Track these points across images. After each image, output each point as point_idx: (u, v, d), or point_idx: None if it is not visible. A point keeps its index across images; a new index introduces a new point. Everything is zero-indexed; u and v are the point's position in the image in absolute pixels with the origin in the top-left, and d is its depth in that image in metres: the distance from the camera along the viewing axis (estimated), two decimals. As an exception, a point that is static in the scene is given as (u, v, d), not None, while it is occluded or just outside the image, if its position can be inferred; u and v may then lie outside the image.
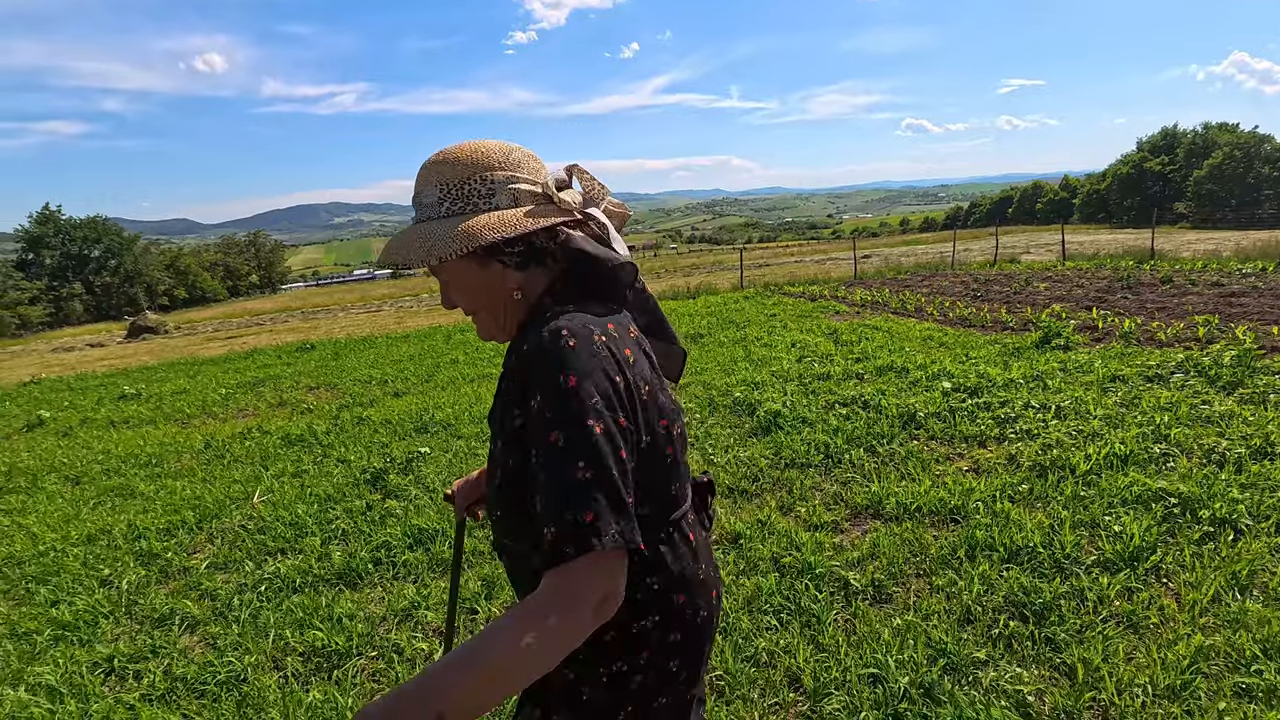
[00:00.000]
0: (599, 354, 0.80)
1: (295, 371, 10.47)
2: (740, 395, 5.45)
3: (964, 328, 8.57)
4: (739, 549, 3.08)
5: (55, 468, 5.67)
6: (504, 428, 0.87)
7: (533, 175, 0.91)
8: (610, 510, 0.73)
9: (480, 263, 0.89)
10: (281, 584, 3.01)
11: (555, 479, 0.73)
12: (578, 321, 0.83)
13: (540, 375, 0.79)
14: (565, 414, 0.75)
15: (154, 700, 2.28)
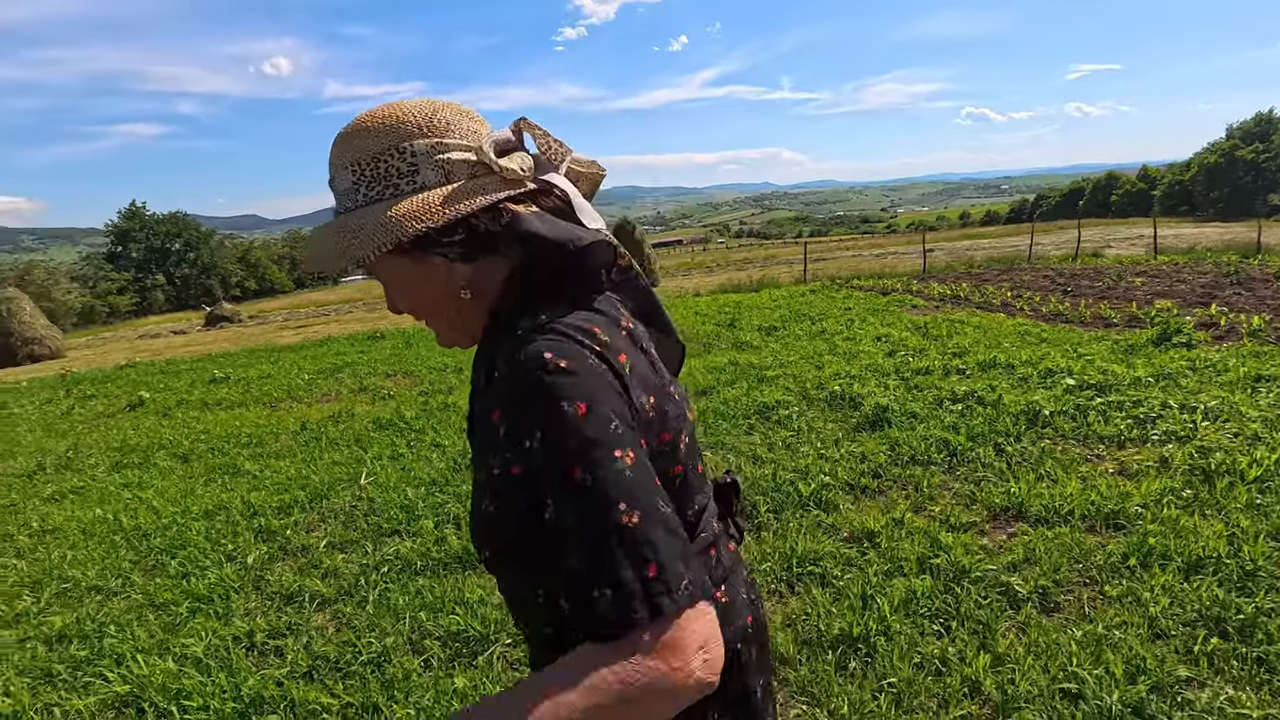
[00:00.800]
0: (597, 370, 0.64)
1: (370, 359, 10.72)
2: (838, 389, 5.22)
3: (1061, 324, 8.06)
4: (876, 548, 2.89)
5: (163, 445, 5.91)
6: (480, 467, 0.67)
7: (466, 138, 0.70)
8: (676, 555, 0.59)
9: (415, 259, 0.71)
10: (403, 565, 2.98)
11: (593, 531, 0.57)
12: (560, 336, 0.65)
13: (534, 409, 0.61)
14: (585, 447, 0.59)
15: (299, 677, 2.27)
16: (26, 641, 2.68)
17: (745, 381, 5.91)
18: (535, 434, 0.60)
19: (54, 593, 3.15)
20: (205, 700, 2.14)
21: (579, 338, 0.66)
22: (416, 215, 0.65)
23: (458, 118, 0.71)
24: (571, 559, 0.58)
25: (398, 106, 0.70)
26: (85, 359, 20.01)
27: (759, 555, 2.90)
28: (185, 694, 2.18)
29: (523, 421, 0.61)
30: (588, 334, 0.67)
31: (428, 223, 0.65)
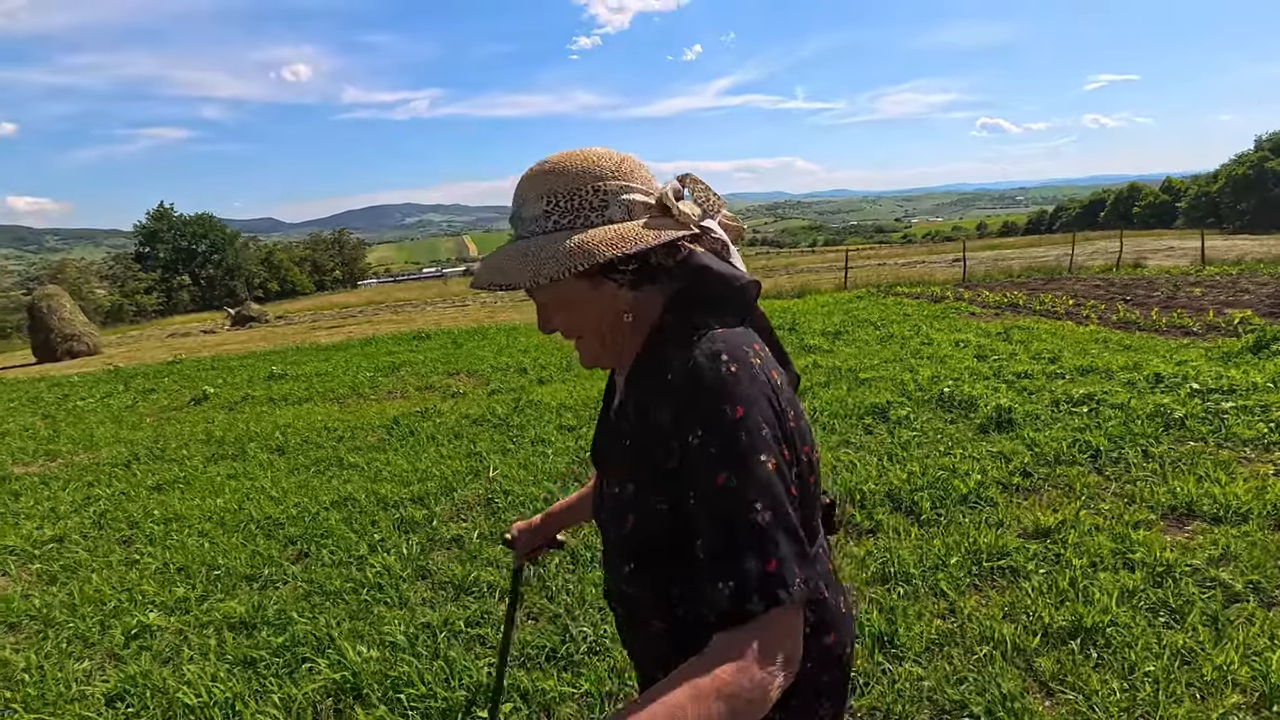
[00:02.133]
0: (759, 378, 0.72)
1: (423, 358, 10.73)
2: (947, 390, 5.13)
3: (1136, 331, 7.90)
4: (1059, 543, 2.84)
5: (252, 438, 5.91)
6: (645, 468, 0.77)
7: (646, 185, 0.80)
8: (794, 556, 0.66)
9: (591, 282, 0.78)
10: (573, 559, 2.92)
11: (729, 524, 0.66)
12: (733, 342, 0.74)
13: (701, 406, 0.69)
14: (735, 450, 0.67)
15: (515, 666, 2.21)
16: (206, 627, 2.65)
17: (843, 383, 5.83)
18: (698, 430, 0.69)
19: (207, 580, 3.12)
20: (430, 688, 2.09)
21: (745, 346, 0.74)
22: (611, 242, 0.73)
23: (639, 167, 0.81)
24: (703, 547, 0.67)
25: (591, 152, 0.79)
26: (123, 355, 20.27)
27: (942, 550, 2.82)
28: (404, 681, 2.13)
29: (690, 415, 0.71)
30: (751, 345, 0.76)
31: (622, 249, 0.73)
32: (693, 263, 0.80)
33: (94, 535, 3.87)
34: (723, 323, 0.78)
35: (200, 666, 2.33)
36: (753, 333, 0.82)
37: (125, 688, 2.25)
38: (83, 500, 4.55)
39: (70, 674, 2.39)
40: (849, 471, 3.77)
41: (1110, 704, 1.91)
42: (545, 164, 0.78)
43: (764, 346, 0.80)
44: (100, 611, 2.86)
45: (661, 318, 0.81)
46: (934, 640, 2.27)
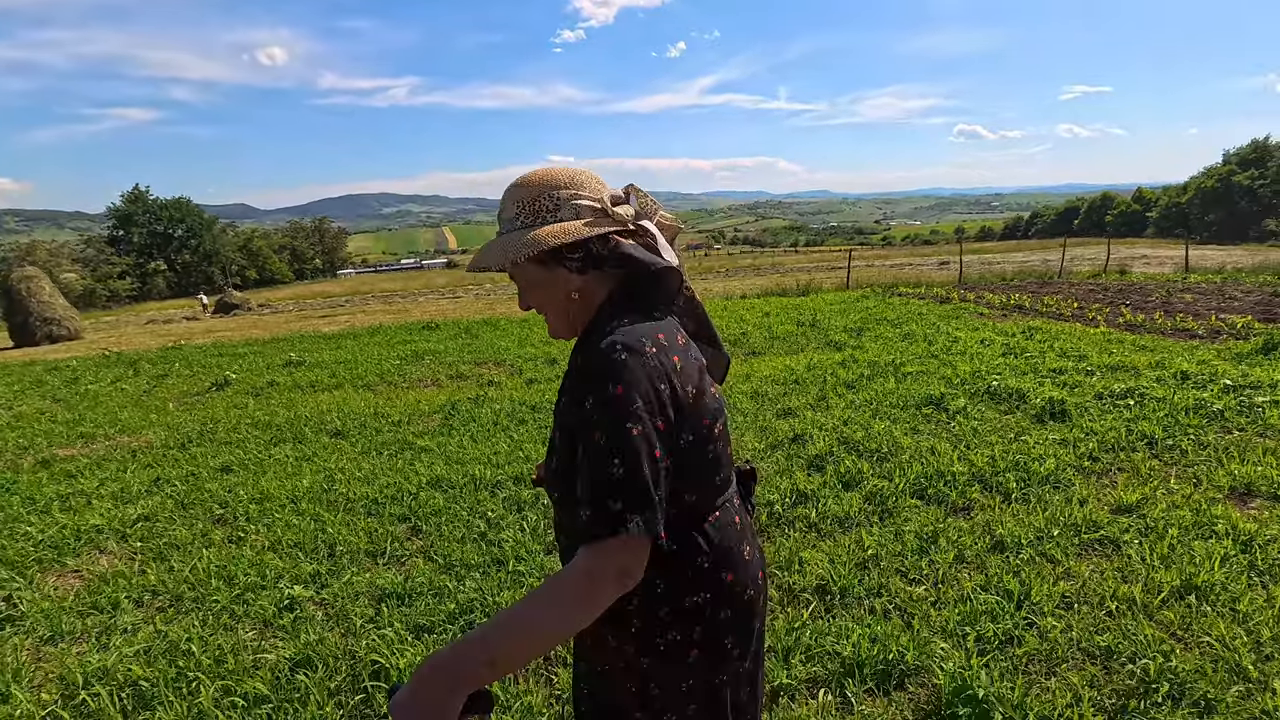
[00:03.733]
0: (647, 363, 0.90)
1: (443, 348, 10.72)
2: (995, 384, 5.37)
3: (1145, 334, 8.27)
4: (1139, 516, 3.11)
5: (305, 421, 5.91)
6: (563, 421, 0.98)
7: (594, 193, 1.02)
8: (638, 502, 0.83)
9: (546, 267, 1.01)
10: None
11: (595, 471, 0.85)
12: (632, 335, 0.93)
13: (594, 382, 0.89)
14: (608, 417, 0.86)
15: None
16: (357, 598, 2.73)
17: (888, 376, 6.04)
18: (589, 398, 0.89)
19: (331, 556, 3.19)
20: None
21: (644, 338, 0.93)
22: (555, 235, 0.96)
23: (590, 180, 1.03)
24: (580, 487, 0.87)
25: (552, 169, 1.03)
26: (106, 341, 19.74)
27: (1041, 523, 3.06)
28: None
29: (585, 389, 0.91)
30: (651, 336, 0.95)
31: (562, 239, 0.96)
32: (619, 250, 1.01)
33: (182, 515, 3.89)
34: (642, 313, 1.00)
35: (375, 634, 2.42)
36: (666, 323, 1.02)
37: (306, 654, 2.32)
38: (151, 481, 4.54)
39: (234, 643, 2.46)
40: (932, 455, 3.97)
41: (1238, 645, 2.14)
42: (520, 179, 1.03)
43: (673, 335, 1.00)
44: (233, 586, 2.91)
45: (601, 304, 1.02)
46: (1065, 598, 2.48)
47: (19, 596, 2.95)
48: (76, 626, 2.70)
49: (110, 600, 2.87)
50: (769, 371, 6.71)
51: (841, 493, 3.54)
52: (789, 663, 2.19)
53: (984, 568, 2.76)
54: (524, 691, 2.12)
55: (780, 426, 4.75)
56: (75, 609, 2.84)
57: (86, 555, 3.45)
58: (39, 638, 2.66)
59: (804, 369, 6.69)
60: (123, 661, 2.35)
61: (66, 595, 3.00)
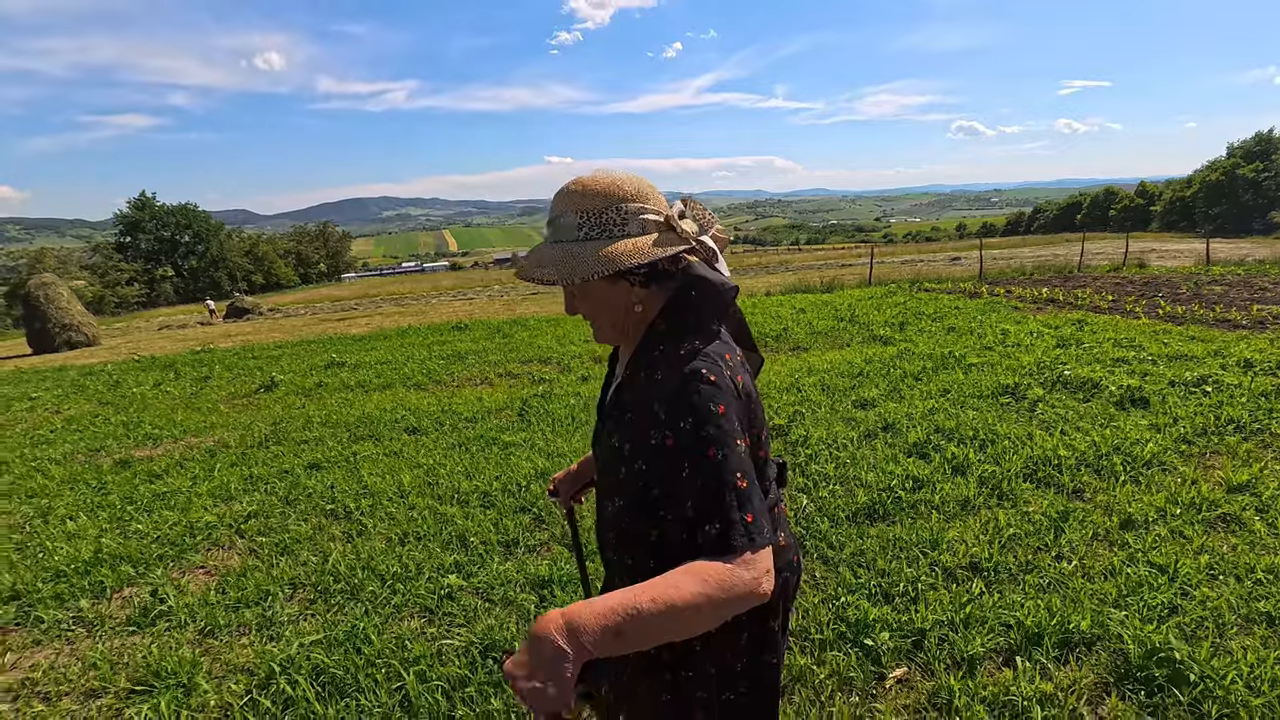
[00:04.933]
0: (730, 385, 0.95)
1: (480, 348, 10.76)
2: (1066, 374, 5.42)
3: (1189, 324, 8.31)
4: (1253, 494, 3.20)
5: (375, 420, 5.96)
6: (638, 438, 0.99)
7: (657, 206, 1.02)
8: (763, 512, 0.88)
9: (610, 280, 1.01)
10: (828, 514, 3.11)
11: (719, 485, 0.87)
12: (710, 359, 0.96)
13: (693, 404, 0.91)
14: (721, 435, 0.89)
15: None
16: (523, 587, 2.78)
17: (954, 369, 6.09)
18: (689, 419, 0.91)
19: (465, 548, 3.22)
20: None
21: (720, 363, 0.97)
22: (630, 255, 0.96)
23: (653, 191, 1.03)
24: (691, 506, 0.89)
25: (616, 177, 1.01)
26: (123, 347, 19.78)
27: (1160, 502, 3.15)
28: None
29: (680, 410, 0.93)
30: (725, 361, 0.98)
31: (638, 260, 0.96)
32: (691, 272, 1.04)
33: (291, 510, 3.92)
34: (704, 329, 1.02)
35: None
36: (729, 343, 1.05)
37: (489, 639, 2.36)
38: (244, 479, 4.58)
39: (408, 632, 2.50)
40: (1030, 441, 4.02)
41: None
42: (580, 184, 1.01)
43: (735, 352, 1.04)
44: (380, 578, 2.95)
45: (660, 315, 1.04)
46: (1210, 570, 2.55)
47: (164, 592, 2.99)
48: (231, 620, 2.74)
49: (257, 593, 2.91)
50: (826, 364, 6.75)
51: (953, 477, 3.59)
52: (971, 634, 2.24)
53: (1122, 544, 2.82)
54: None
55: (865, 417, 4.79)
56: (222, 603, 2.88)
57: (209, 551, 3.49)
58: (197, 631, 2.70)
59: (862, 362, 6.73)
60: (303, 651, 2.39)
61: (206, 590, 3.04)
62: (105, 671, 2.45)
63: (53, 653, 2.68)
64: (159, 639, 2.64)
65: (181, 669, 2.35)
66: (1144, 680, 2.01)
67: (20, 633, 2.85)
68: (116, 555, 3.45)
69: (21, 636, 2.81)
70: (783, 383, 6.02)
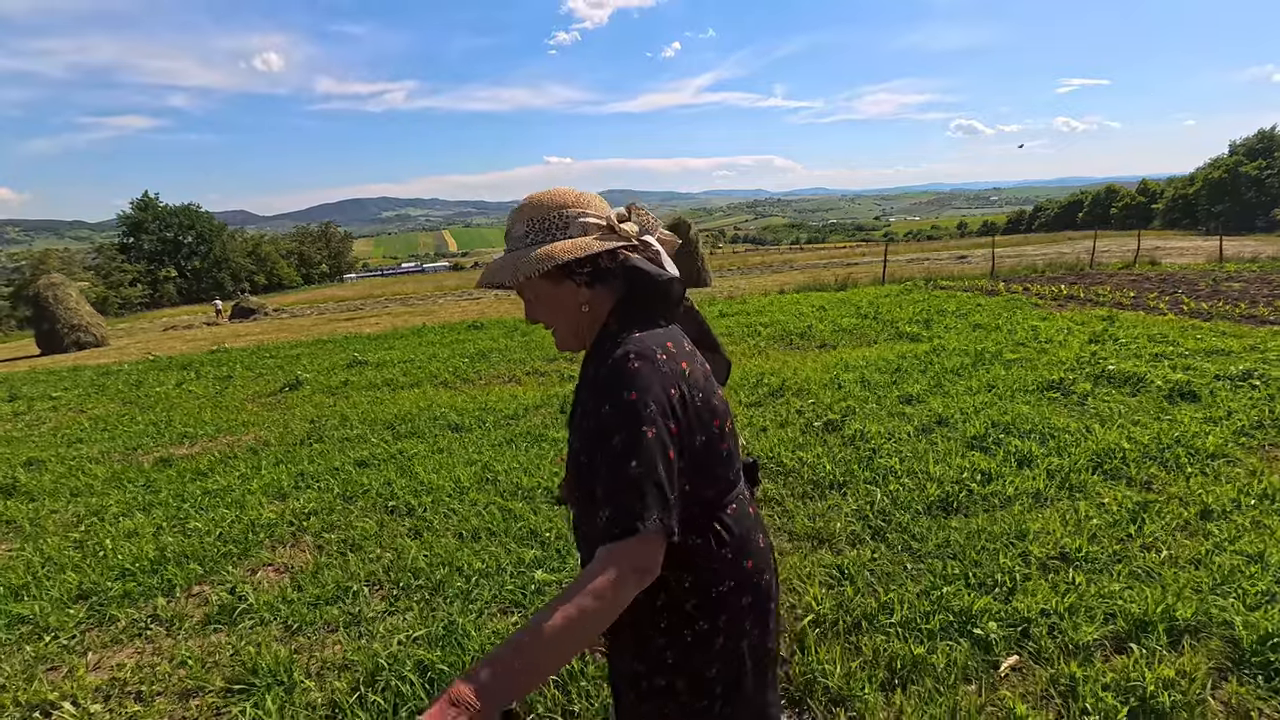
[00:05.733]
0: (659, 370, 0.95)
1: (501, 346, 10.75)
2: (1110, 368, 5.41)
3: (1217, 320, 8.30)
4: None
5: (412, 417, 5.95)
6: (580, 431, 1.02)
7: (599, 211, 1.07)
8: (654, 501, 0.87)
9: (555, 281, 1.05)
10: (903, 506, 3.10)
11: (613, 473, 0.88)
12: (643, 344, 0.98)
13: (610, 389, 0.93)
14: (625, 421, 0.90)
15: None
16: None
17: (993, 364, 6.08)
18: (605, 404, 0.94)
19: (541, 544, 3.21)
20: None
21: (654, 346, 0.98)
22: (567, 250, 1.01)
23: (595, 200, 1.09)
24: (599, 489, 0.90)
25: (560, 190, 1.08)
26: (132, 348, 19.76)
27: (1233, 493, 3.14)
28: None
29: (598, 394, 0.96)
30: (660, 344, 1.00)
31: (573, 254, 1.00)
32: (628, 264, 1.05)
33: (350, 507, 3.91)
34: (648, 323, 1.04)
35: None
36: (673, 332, 1.07)
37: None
38: (297, 475, 4.57)
39: (499, 628, 2.49)
40: (1088, 434, 4.01)
41: None
42: (528, 199, 1.08)
43: (680, 343, 1.05)
44: (461, 573, 2.93)
45: (610, 315, 1.06)
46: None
47: (242, 589, 2.97)
48: (315, 617, 2.72)
49: (336, 590, 2.89)
50: (861, 360, 6.73)
51: (1018, 471, 3.58)
52: (1078, 622, 2.24)
53: (1205, 534, 2.81)
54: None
55: (914, 411, 4.78)
56: (302, 600, 2.86)
57: (275, 549, 3.47)
58: (282, 628, 2.68)
59: (895, 358, 6.72)
60: (404, 648, 2.37)
61: (281, 587, 3.02)
62: (197, 670, 2.43)
63: (134, 652, 2.66)
64: (246, 637, 2.63)
65: (279, 666, 2.33)
66: (1260, 665, 2.01)
67: (97, 632, 2.82)
68: (181, 553, 3.43)
69: (99, 636, 2.78)
70: (821, 379, 6.01)
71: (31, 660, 2.63)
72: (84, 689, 2.40)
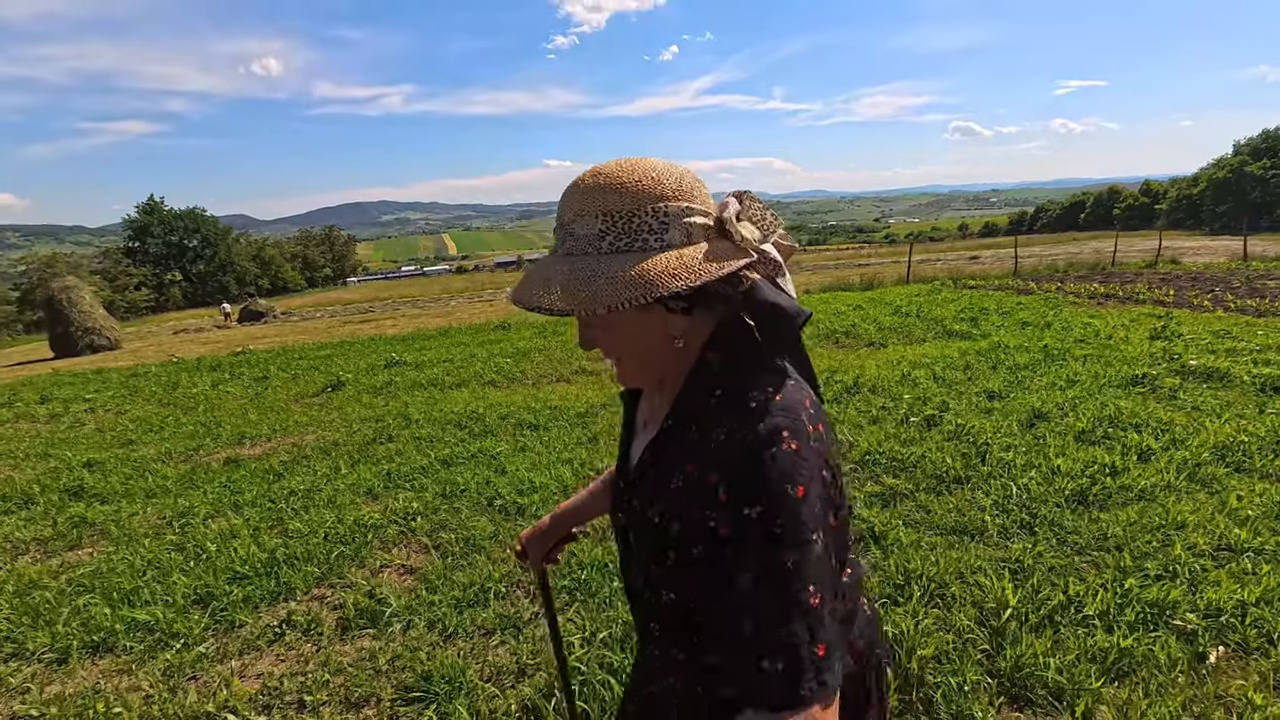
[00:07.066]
0: (815, 449, 0.69)
1: (538, 345, 10.67)
2: (1193, 364, 5.37)
3: (1272, 318, 8.23)
4: None
5: (479, 416, 5.87)
6: (690, 517, 0.72)
7: (705, 205, 0.75)
8: (838, 641, 0.65)
9: (642, 307, 0.73)
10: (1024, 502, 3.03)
11: (786, 604, 0.63)
12: (791, 412, 0.70)
13: (761, 483, 0.66)
14: (797, 532, 0.65)
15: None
16: None
17: (1066, 361, 6.02)
18: (757, 506, 0.65)
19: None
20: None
21: (801, 416, 0.70)
22: (674, 273, 0.68)
23: (699, 184, 0.75)
24: (749, 625, 0.64)
25: (651, 166, 0.73)
26: (147, 350, 19.66)
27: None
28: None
29: (747, 490, 0.66)
30: (804, 409, 0.71)
31: (685, 281, 0.68)
32: (757, 297, 0.75)
33: (458, 507, 3.82)
34: (771, 367, 0.75)
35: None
36: (803, 385, 0.77)
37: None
38: (383, 475, 4.49)
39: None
40: (1203, 428, 3.95)
41: None
42: (602, 176, 0.72)
43: (809, 394, 0.76)
44: (605, 574, 2.85)
45: (709, 346, 0.77)
46: None
47: (380, 593, 2.88)
48: (466, 620, 2.63)
49: (478, 592, 2.81)
50: (925, 358, 6.67)
51: (1140, 464, 3.52)
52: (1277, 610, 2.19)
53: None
54: None
55: (1003, 407, 4.72)
56: (444, 603, 2.77)
57: (390, 550, 3.37)
58: (433, 631, 2.60)
59: (959, 355, 6.65)
60: (588, 650, 2.29)
61: (413, 590, 2.94)
62: (361, 677, 2.34)
63: (275, 659, 2.58)
64: (400, 641, 2.54)
65: (454, 671, 2.25)
66: None
67: (226, 638, 2.73)
68: (290, 555, 3.35)
69: (231, 643, 2.69)
70: (892, 375, 5.94)
71: (169, 669, 2.54)
72: (238, 698, 2.32)
